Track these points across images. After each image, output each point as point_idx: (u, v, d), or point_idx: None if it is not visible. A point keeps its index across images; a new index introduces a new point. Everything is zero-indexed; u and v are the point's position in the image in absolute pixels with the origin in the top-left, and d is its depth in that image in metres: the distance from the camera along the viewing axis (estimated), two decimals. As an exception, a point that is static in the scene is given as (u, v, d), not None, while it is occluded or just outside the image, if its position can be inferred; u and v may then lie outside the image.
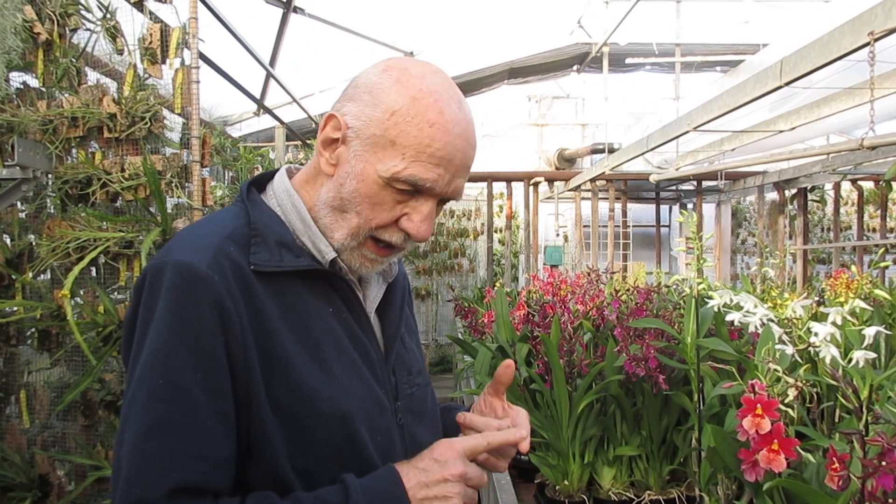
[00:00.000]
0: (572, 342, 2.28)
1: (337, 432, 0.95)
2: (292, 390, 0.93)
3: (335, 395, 0.96)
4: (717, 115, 3.94)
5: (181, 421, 0.86)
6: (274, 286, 0.95)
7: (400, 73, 0.96)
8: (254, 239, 0.96)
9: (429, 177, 0.93)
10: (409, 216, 0.97)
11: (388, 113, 0.93)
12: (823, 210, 9.37)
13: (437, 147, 0.92)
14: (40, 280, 2.63)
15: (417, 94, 0.93)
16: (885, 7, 2.26)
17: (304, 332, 0.96)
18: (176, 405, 0.87)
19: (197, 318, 0.88)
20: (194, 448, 0.86)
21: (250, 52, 4.25)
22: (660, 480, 2.15)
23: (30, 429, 2.58)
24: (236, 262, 0.93)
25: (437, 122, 0.92)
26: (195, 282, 0.88)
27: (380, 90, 0.95)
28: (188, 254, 0.91)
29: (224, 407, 0.89)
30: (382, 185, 0.94)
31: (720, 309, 1.94)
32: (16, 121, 2.42)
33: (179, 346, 0.87)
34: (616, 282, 3.77)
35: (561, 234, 9.64)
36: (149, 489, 0.84)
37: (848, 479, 1.06)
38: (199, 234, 0.96)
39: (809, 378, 1.59)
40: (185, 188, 2.52)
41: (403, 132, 0.92)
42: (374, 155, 0.94)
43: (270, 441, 0.92)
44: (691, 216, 1.94)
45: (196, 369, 0.87)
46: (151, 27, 2.53)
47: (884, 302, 2.24)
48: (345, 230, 0.98)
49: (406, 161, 0.92)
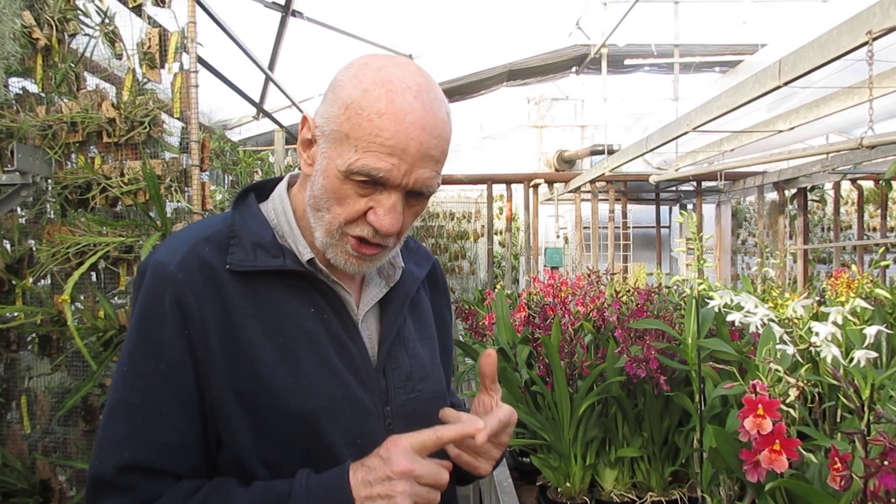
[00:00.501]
0: (573, 344, 2.28)
1: (302, 430, 0.97)
2: (257, 385, 0.96)
3: (302, 393, 0.97)
4: (717, 115, 3.94)
5: (137, 405, 0.94)
6: (248, 286, 0.99)
7: (359, 68, 0.98)
8: (232, 240, 1.00)
9: (381, 166, 0.93)
10: (374, 209, 0.97)
11: (343, 107, 0.95)
12: (823, 210, 9.37)
13: (387, 136, 0.92)
14: (40, 285, 2.63)
15: (369, 85, 0.94)
16: (882, 6, 2.26)
17: (275, 331, 0.99)
18: (135, 391, 0.95)
19: (160, 313, 0.95)
20: (146, 431, 0.94)
21: (249, 56, 4.25)
22: (662, 482, 2.14)
23: (31, 434, 2.58)
24: (208, 261, 0.98)
25: (387, 111, 0.92)
26: (161, 279, 0.96)
27: (339, 87, 0.98)
28: (164, 254, 0.99)
29: (183, 395, 0.95)
30: (343, 179, 0.95)
31: (721, 309, 1.94)
32: (15, 126, 2.42)
33: (143, 337, 0.96)
34: (616, 283, 3.77)
35: (561, 236, 9.64)
36: (103, 464, 0.93)
37: (850, 478, 1.06)
38: (182, 236, 1.03)
39: (811, 378, 1.59)
40: (184, 192, 2.52)
41: (356, 125, 0.93)
42: (335, 150, 0.96)
43: (235, 432, 0.96)
44: (691, 217, 1.94)
45: (156, 359, 0.94)
46: (150, 32, 2.53)
47: (885, 301, 2.24)
48: (322, 228, 1.00)
49: (359, 152, 0.93)
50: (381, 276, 1.13)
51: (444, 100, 0.99)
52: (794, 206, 7.28)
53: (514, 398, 2.33)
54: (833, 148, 4.36)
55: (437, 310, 1.27)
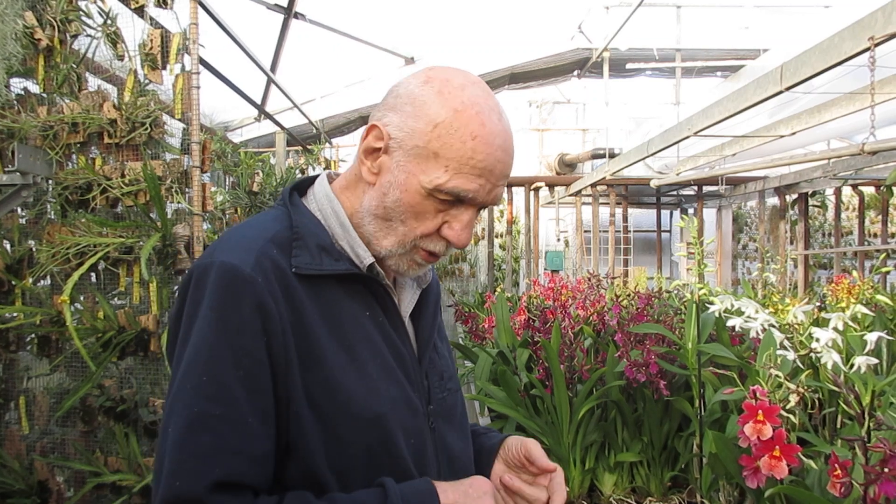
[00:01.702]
0: (573, 347, 2.28)
1: (371, 433, 0.97)
2: (329, 390, 0.95)
3: (370, 396, 0.98)
4: (718, 120, 3.94)
5: (222, 416, 0.89)
6: (313, 288, 0.98)
7: (441, 84, 0.98)
8: (295, 242, 0.99)
9: (471, 188, 0.95)
10: (449, 224, 0.99)
11: (431, 125, 0.95)
12: (824, 215, 9.36)
13: (480, 159, 0.94)
14: (40, 286, 2.62)
15: (460, 106, 0.95)
16: (885, 12, 2.26)
17: (341, 334, 0.99)
18: (218, 401, 0.89)
19: (240, 319, 0.91)
20: (234, 443, 0.89)
21: (251, 58, 4.26)
22: (661, 487, 2.14)
23: (29, 435, 2.58)
24: (278, 264, 0.96)
25: (479, 134, 0.94)
26: (239, 283, 0.92)
27: (422, 102, 0.97)
28: (232, 255, 0.94)
29: (264, 405, 0.92)
30: (425, 196, 0.97)
31: (721, 314, 1.94)
32: (16, 126, 2.42)
33: (223, 344, 0.91)
34: (617, 287, 3.77)
35: (562, 239, 9.64)
36: (191, 482, 0.86)
37: (850, 485, 1.05)
38: (243, 236, 0.99)
39: (811, 384, 1.58)
40: (185, 193, 2.52)
41: (447, 144, 0.94)
42: (418, 166, 0.96)
43: (307, 439, 0.94)
44: (692, 221, 1.94)
45: (238, 367, 0.90)
46: (152, 33, 2.53)
47: (885, 307, 2.24)
48: (393, 238, 1.01)
49: (449, 173, 0.95)
50: (413, 279, 1.13)
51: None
52: (795, 211, 7.28)
53: (514, 402, 2.32)
54: (834, 153, 4.36)
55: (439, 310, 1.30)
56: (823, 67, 2.65)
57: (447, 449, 1.08)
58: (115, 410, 2.47)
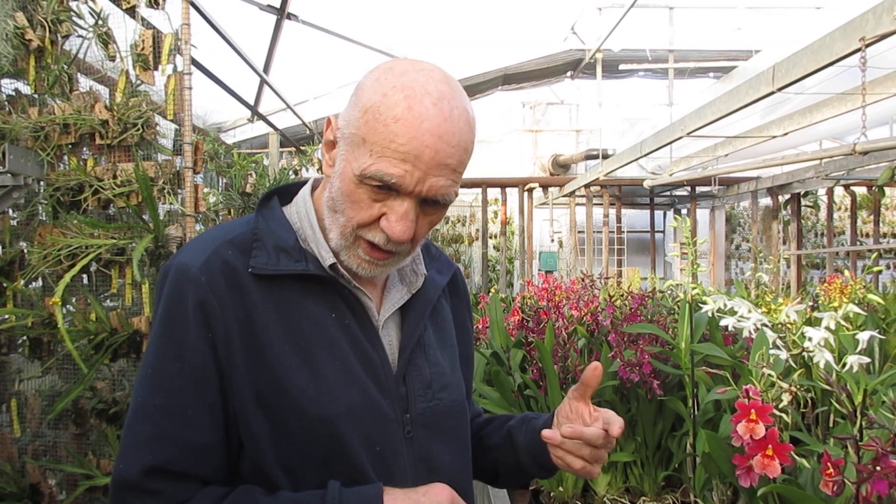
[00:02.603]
0: (567, 348, 2.28)
1: (321, 434, 0.96)
2: (278, 388, 0.96)
3: (322, 397, 0.97)
4: (711, 120, 3.95)
5: (161, 406, 0.94)
6: (270, 289, 0.99)
7: (382, 72, 0.96)
8: (255, 244, 1.01)
9: (394, 172, 0.91)
10: (386, 216, 0.96)
11: (362, 111, 0.94)
12: (817, 215, 9.40)
13: (401, 143, 0.90)
14: (32, 288, 2.61)
15: (389, 90, 0.92)
16: (875, 13, 2.27)
17: (297, 334, 0.98)
18: (159, 392, 0.94)
19: (184, 315, 0.95)
20: (172, 433, 0.93)
21: (244, 59, 4.25)
22: (655, 486, 2.14)
23: (21, 438, 2.56)
24: (230, 264, 0.98)
25: (403, 117, 0.90)
26: (185, 281, 0.96)
27: (362, 90, 0.96)
28: (188, 256, 0.99)
29: (208, 398, 0.95)
30: (357, 183, 0.95)
31: (714, 314, 1.94)
32: (7, 128, 2.41)
33: (167, 339, 0.96)
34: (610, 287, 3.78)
35: (556, 240, 9.65)
36: (129, 466, 0.92)
37: (842, 484, 1.06)
38: (206, 238, 1.03)
39: (804, 383, 1.59)
40: (177, 195, 2.51)
41: (372, 129, 0.92)
42: (352, 153, 0.95)
43: (255, 436, 0.96)
44: (685, 221, 1.95)
45: (181, 360, 0.94)
46: (143, 33, 2.52)
47: (877, 307, 2.25)
48: (336, 230, 1.00)
49: (373, 157, 0.92)
50: (403, 282, 1.11)
51: (467, 109, 0.97)
52: (787, 211, 7.31)
53: (508, 402, 2.32)
54: (826, 154, 4.38)
55: (457, 317, 1.25)
56: (815, 68, 2.67)
57: (429, 460, 1.05)
58: (108, 413, 2.46)
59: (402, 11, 7.27)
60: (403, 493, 0.95)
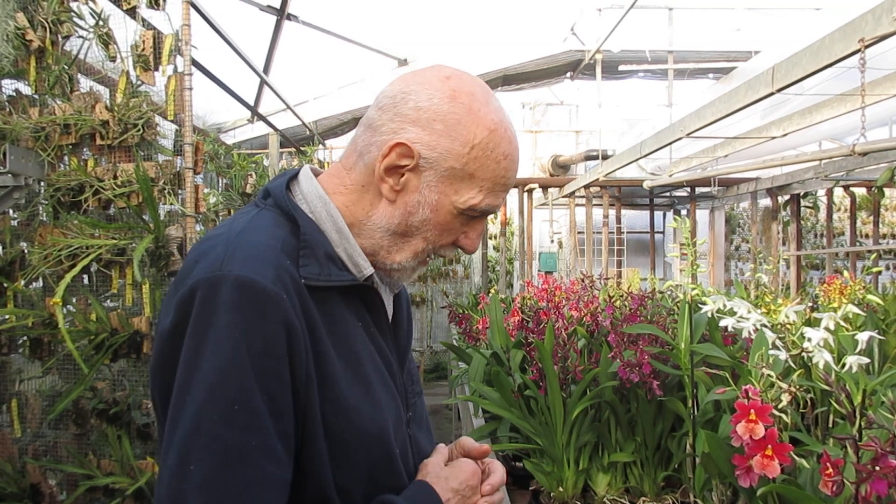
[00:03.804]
0: (566, 348, 2.28)
1: (376, 449, 0.95)
2: (338, 408, 0.91)
3: (375, 412, 0.95)
4: (710, 121, 3.95)
5: (257, 447, 0.82)
6: (321, 301, 0.92)
7: (468, 99, 0.94)
8: (303, 251, 0.92)
9: (497, 203, 0.98)
10: (466, 234, 1.00)
11: (467, 146, 0.93)
12: (816, 216, 9.40)
13: (509, 177, 0.96)
14: (32, 288, 2.61)
15: (492, 125, 0.94)
16: (875, 14, 2.27)
17: (346, 348, 0.94)
18: (252, 430, 0.81)
19: (264, 338, 0.83)
20: (269, 475, 0.82)
21: (244, 59, 4.25)
22: (654, 487, 2.14)
23: (21, 438, 2.56)
24: (294, 277, 0.89)
25: (509, 153, 0.95)
26: (262, 299, 0.83)
27: (455, 121, 0.93)
28: (248, 268, 0.85)
29: (287, 428, 0.86)
30: (456, 215, 0.97)
31: (714, 315, 1.95)
32: (8, 128, 2.41)
33: (248, 367, 0.82)
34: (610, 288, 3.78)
35: (555, 241, 9.65)
36: None
37: (842, 484, 1.06)
38: (254, 245, 0.90)
39: (803, 383, 1.59)
40: (177, 195, 2.51)
41: (483, 166, 0.94)
42: (451, 186, 0.95)
43: (318, 459, 0.89)
44: (685, 222, 1.95)
45: (265, 392, 0.83)
46: (144, 34, 2.53)
47: (877, 307, 2.25)
48: (408, 253, 0.99)
49: (483, 193, 0.95)
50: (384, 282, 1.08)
51: None
52: (787, 212, 7.31)
53: (507, 403, 2.32)
54: (826, 155, 4.38)
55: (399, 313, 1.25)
56: (814, 69, 2.67)
57: (421, 453, 1.08)
58: (108, 413, 2.46)
59: (402, 12, 7.28)
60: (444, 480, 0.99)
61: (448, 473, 1.00)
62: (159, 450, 0.93)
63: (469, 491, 0.99)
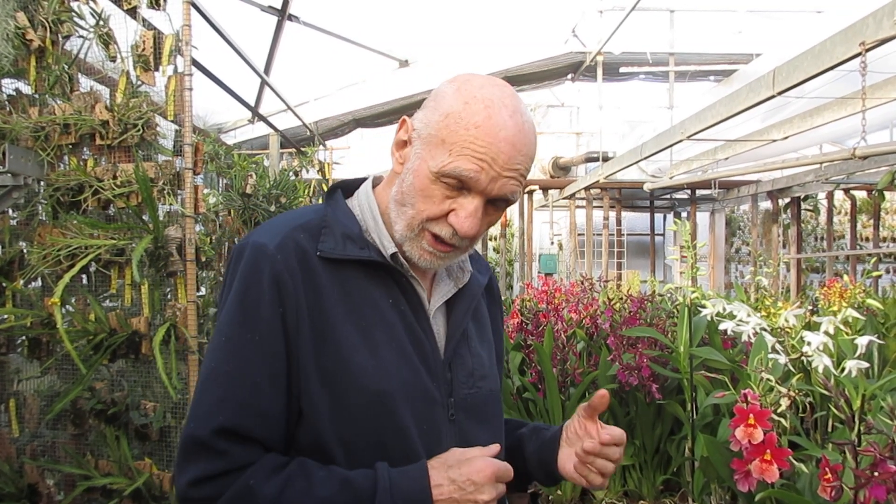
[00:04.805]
0: (565, 351, 2.28)
1: (377, 408, 1.04)
2: (340, 363, 1.03)
3: (379, 374, 1.04)
4: (711, 124, 3.95)
5: (234, 373, 1.01)
6: (337, 272, 1.07)
7: (462, 83, 1.07)
8: (324, 230, 1.09)
9: (471, 168, 1.01)
10: (455, 212, 1.05)
11: (443, 115, 1.04)
12: (817, 219, 9.40)
13: (480, 145, 1.01)
14: (31, 288, 2.61)
15: (470, 99, 1.03)
16: (876, 18, 2.27)
17: (358, 316, 1.06)
18: (232, 358, 1.02)
19: (259, 289, 1.02)
20: (241, 397, 1.00)
21: (245, 60, 4.25)
22: (653, 490, 2.14)
23: (19, 438, 2.56)
24: (302, 246, 1.06)
25: (483, 124, 1.01)
26: (262, 258, 1.03)
27: (442, 96, 1.07)
28: (263, 236, 1.06)
29: (275, 369, 1.02)
30: (433, 180, 1.04)
31: (713, 318, 1.94)
32: (7, 127, 2.41)
33: (242, 311, 1.02)
34: (610, 290, 3.78)
35: (555, 243, 9.65)
36: (199, 426, 0.99)
37: (840, 489, 1.06)
38: (278, 223, 1.11)
39: (802, 388, 1.59)
40: (177, 195, 2.51)
41: (453, 131, 1.02)
42: (429, 152, 1.05)
43: (316, 408, 1.03)
44: (685, 225, 1.95)
45: (253, 332, 1.01)
46: (144, 34, 2.52)
47: (877, 311, 2.24)
48: (403, 222, 1.08)
49: (452, 156, 1.02)
50: (451, 277, 1.20)
51: (532, 123, 1.09)
52: (787, 215, 7.31)
53: (506, 405, 2.32)
54: (826, 158, 4.38)
55: (493, 319, 1.34)
56: (815, 72, 2.67)
57: (468, 442, 1.11)
58: (106, 413, 2.45)
59: (402, 13, 7.27)
60: (445, 471, 1.02)
61: (454, 463, 1.03)
62: None
63: (470, 486, 1.01)
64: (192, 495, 0.99)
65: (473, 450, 1.06)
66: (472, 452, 1.05)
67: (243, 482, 0.98)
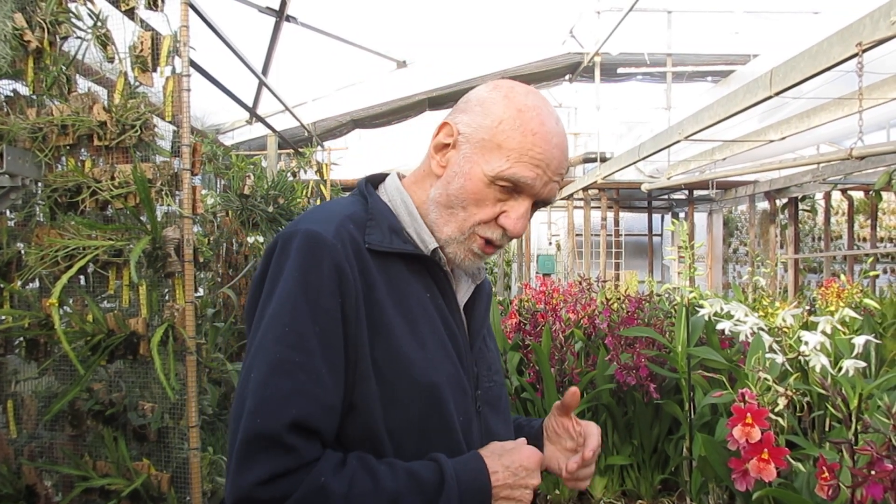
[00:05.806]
0: (563, 351, 2.28)
1: (426, 399, 1.05)
2: (392, 355, 1.04)
3: (427, 366, 1.06)
4: (708, 124, 3.96)
5: (300, 364, 0.98)
6: (383, 264, 1.08)
7: (507, 90, 1.11)
8: (370, 222, 1.10)
9: (529, 174, 1.05)
10: (506, 213, 1.09)
11: (496, 121, 1.07)
12: (814, 219, 9.42)
13: (538, 151, 1.06)
14: (29, 289, 2.60)
15: (523, 107, 1.08)
16: (872, 18, 2.28)
17: (406, 308, 1.08)
18: (297, 350, 0.98)
19: (319, 278, 1.00)
20: (310, 389, 0.97)
21: (242, 61, 4.25)
22: (651, 489, 2.14)
23: (17, 439, 2.56)
24: (354, 237, 1.06)
25: (539, 131, 1.06)
26: (321, 246, 1.01)
27: (490, 103, 1.10)
28: (316, 224, 1.04)
29: (335, 360, 1.00)
30: (487, 183, 1.07)
31: (711, 318, 1.95)
32: (5, 129, 2.41)
33: (303, 300, 0.99)
34: (608, 290, 3.78)
35: (553, 243, 9.65)
36: (271, 420, 0.95)
37: (838, 488, 1.06)
38: (325, 211, 1.10)
39: (800, 387, 1.59)
40: (175, 196, 2.51)
41: (510, 137, 1.06)
42: (482, 156, 1.07)
43: (369, 399, 1.02)
44: (682, 225, 1.95)
45: (315, 322, 0.99)
46: (142, 35, 2.52)
47: (874, 311, 2.25)
48: (453, 225, 1.10)
49: (510, 161, 1.05)
50: (468, 274, 1.22)
51: None
52: (784, 215, 7.32)
53: (505, 405, 2.32)
54: (823, 158, 4.39)
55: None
56: (812, 73, 2.67)
57: (492, 435, 1.16)
58: (104, 414, 2.45)
59: (400, 14, 7.28)
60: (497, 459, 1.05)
61: (503, 451, 1.07)
62: None
63: (522, 471, 1.05)
64: (260, 496, 0.94)
65: (510, 443, 1.10)
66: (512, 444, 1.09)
67: (314, 479, 0.95)
